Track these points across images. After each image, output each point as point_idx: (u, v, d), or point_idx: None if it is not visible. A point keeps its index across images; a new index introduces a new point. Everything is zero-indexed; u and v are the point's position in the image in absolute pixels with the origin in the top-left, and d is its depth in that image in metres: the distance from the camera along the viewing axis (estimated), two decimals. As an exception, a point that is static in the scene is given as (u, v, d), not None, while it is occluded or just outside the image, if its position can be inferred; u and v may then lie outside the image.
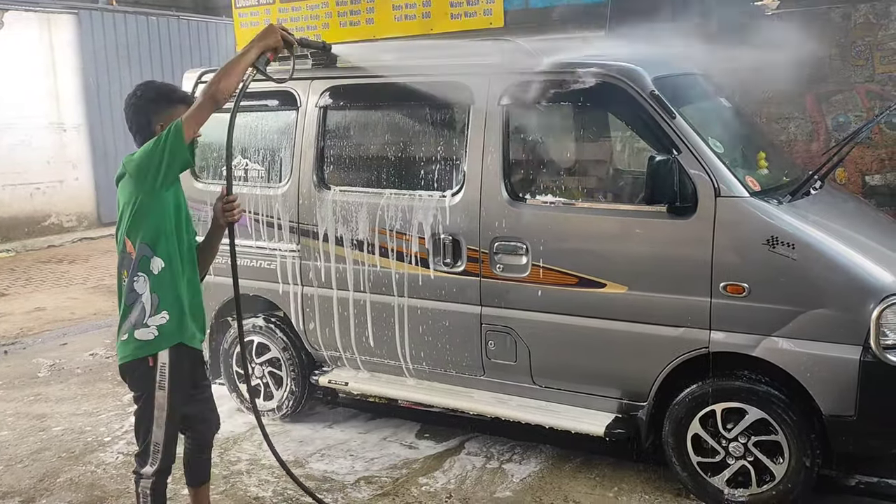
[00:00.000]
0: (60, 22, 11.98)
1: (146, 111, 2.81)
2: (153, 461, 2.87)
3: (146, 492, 2.88)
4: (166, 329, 2.80)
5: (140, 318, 2.78)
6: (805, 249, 3.20)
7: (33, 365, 5.97)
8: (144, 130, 2.81)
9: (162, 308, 2.79)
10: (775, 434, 3.35)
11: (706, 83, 4.28)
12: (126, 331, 2.80)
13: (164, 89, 2.88)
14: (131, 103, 2.85)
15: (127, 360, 2.84)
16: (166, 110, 2.80)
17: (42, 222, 11.82)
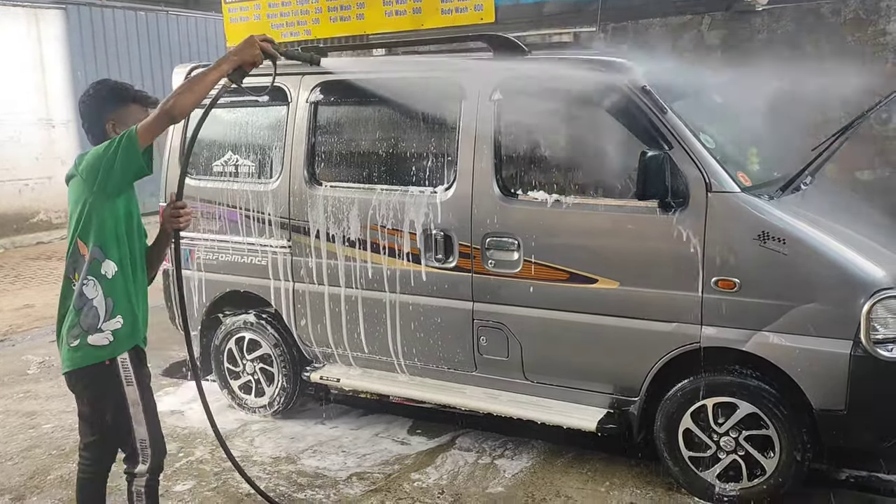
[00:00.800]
0: (48, 17, 11.87)
1: (98, 109, 2.77)
2: (144, 459, 2.83)
3: (140, 490, 2.85)
4: (121, 334, 2.74)
5: (94, 323, 2.70)
6: (796, 244, 3.21)
7: (22, 362, 5.93)
8: (96, 128, 2.77)
9: (116, 313, 2.73)
10: (766, 428, 3.37)
11: (697, 78, 4.28)
12: (77, 336, 2.70)
13: (117, 87, 2.82)
14: (84, 101, 2.80)
15: (79, 367, 2.73)
16: (118, 108, 2.76)
17: (30, 219, 11.74)
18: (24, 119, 11.61)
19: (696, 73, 4.37)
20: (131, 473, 2.86)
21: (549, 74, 3.81)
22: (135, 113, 2.76)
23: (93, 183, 2.63)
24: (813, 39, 5.67)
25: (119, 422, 2.81)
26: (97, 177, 2.61)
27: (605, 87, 3.57)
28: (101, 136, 2.75)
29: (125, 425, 2.81)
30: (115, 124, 2.73)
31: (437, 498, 3.70)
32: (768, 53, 5.73)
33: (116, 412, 2.79)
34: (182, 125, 4.67)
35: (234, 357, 4.69)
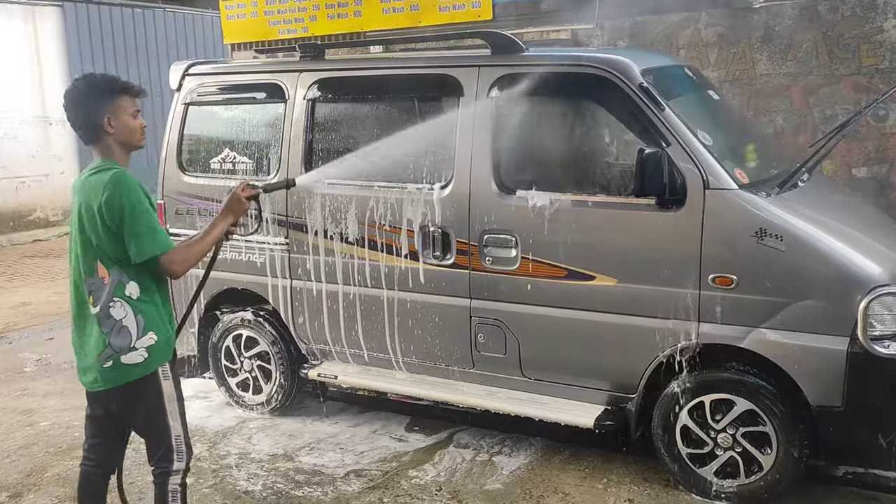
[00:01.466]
0: (45, 14, 11.86)
1: (92, 105, 2.69)
2: (179, 456, 2.81)
3: (176, 489, 2.81)
4: (156, 349, 2.73)
5: (126, 343, 2.68)
6: (793, 241, 3.22)
7: (19, 360, 5.93)
8: (91, 125, 2.70)
9: (148, 329, 2.71)
10: (763, 425, 3.37)
11: (694, 75, 4.29)
12: (109, 357, 2.68)
13: (106, 80, 2.75)
14: (74, 100, 2.71)
15: (114, 385, 2.72)
16: (112, 102, 2.70)
17: (28, 216, 11.73)
18: (20, 116, 11.61)
19: (694, 69, 4.37)
20: (167, 472, 2.80)
21: (547, 72, 3.81)
22: (126, 104, 2.73)
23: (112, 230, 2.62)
24: (810, 37, 5.68)
25: (156, 423, 2.79)
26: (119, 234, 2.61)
27: (603, 85, 3.57)
28: (96, 134, 2.70)
29: (161, 424, 2.79)
30: (110, 118, 2.69)
31: (434, 495, 3.70)
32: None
33: (155, 414, 2.78)
34: (179, 122, 4.67)
35: (231, 354, 4.68)
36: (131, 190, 2.63)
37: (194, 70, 4.69)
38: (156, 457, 2.82)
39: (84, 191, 2.68)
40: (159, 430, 2.80)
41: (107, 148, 2.72)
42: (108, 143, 2.72)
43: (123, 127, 2.71)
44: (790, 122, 5.85)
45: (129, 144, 2.76)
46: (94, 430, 2.92)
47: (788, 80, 5.81)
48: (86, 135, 2.73)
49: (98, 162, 2.73)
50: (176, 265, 2.69)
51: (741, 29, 5.90)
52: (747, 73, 5.92)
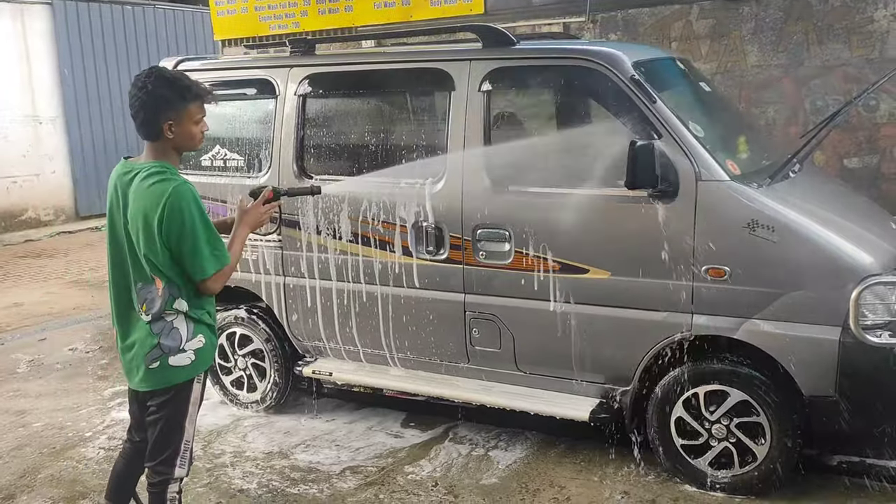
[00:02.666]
0: (33, 12, 11.78)
1: (158, 108, 2.60)
2: (182, 463, 2.79)
3: (174, 497, 2.79)
4: (203, 352, 2.75)
5: (175, 344, 2.69)
6: (785, 232, 3.22)
7: (12, 361, 5.90)
8: (152, 127, 2.62)
9: (197, 333, 2.73)
10: (757, 415, 3.38)
11: (686, 67, 4.28)
12: (157, 358, 2.68)
13: (180, 86, 2.63)
14: (140, 97, 2.60)
15: (159, 387, 2.73)
16: (179, 109, 2.61)
17: (19, 216, 11.67)
18: (10, 116, 11.54)
19: (685, 61, 4.37)
20: (167, 479, 2.77)
21: (538, 65, 3.80)
22: (193, 113, 2.66)
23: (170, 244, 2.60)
24: (801, 28, 5.68)
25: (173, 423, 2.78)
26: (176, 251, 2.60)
27: (595, 77, 3.57)
28: (155, 135, 2.64)
29: (178, 425, 2.78)
30: (172, 125, 2.62)
31: (430, 490, 3.70)
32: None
33: (176, 414, 2.77)
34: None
35: (225, 353, 4.67)
36: (192, 206, 2.58)
37: (184, 66, 4.65)
38: (159, 458, 2.77)
39: (141, 198, 2.60)
40: (174, 431, 2.77)
41: (162, 150, 2.67)
42: (164, 146, 2.67)
43: (184, 133, 2.66)
44: (782, 114, 5.86)
45: (184, 149, 2.73)
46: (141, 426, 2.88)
47: (780, 71, 5.82)
48: (143, 133, 2.66)
49: (153, 164, 2.64)
50: (219, 283, 2.70)
51: (732, 21, 5.91)
52: (739, 64, 5.93)
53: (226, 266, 2.69)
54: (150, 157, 2.69)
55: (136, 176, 2.64)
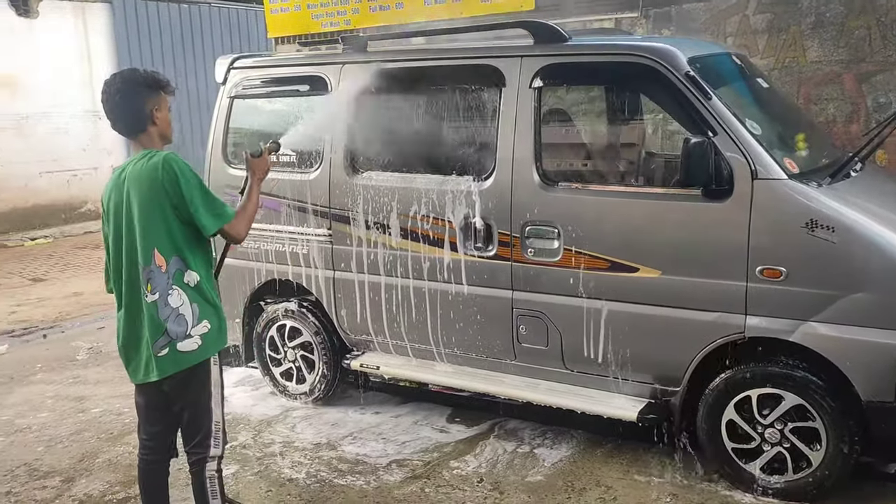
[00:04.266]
0: (94, 10, 12.14)
1: (139, 98, 2.80)
2: (216, 443, 2.91)
3: (213, 475, 2.91)
4: (209, 337, 2.84)
5: (182, 330, 2.78)
6: (845, 232, 3.13)
7: (72, 348, 6.10)
8: (139, 115, 2.80)
9: (203, 318, 2.82)
10: (812, 420, 3.30)
11: (742, 63, 4.19)
12: (165, 345, 2.78)
13: (152, 75, 2.87)
14: (118, 89, 2.80)
15: (169, 374, 2.81)
16: (157, 95, 2.83)
17: (79, 209, 12.05)
18: (71, 111, 11.91)
19: (742, 57, 4.28)
20: (202, 458, 2.90)
21: (591, 61, 3.77)
22: (165, 100, 2.87)
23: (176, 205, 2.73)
24: (863, 22, 5.51)
25: (200, 407, 2.90)
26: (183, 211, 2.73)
27: (648, 74, 3.51)
28: (142, 124, 2.81)
29: (205, 408, 2.90)
30: (155, 110, 2.82)
31: (476, 486, 3.71)
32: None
33: (201, 398, 2.89)
34: (224, 115, 4.74)
35: (275, 344, 4.75)
36: (187, 167, 2.76)
37: (239, 64, 4.75)
38: (193, 442, 2.91)
39: (137, 178, 2.75)
40: (201, 415, 2.89)
41: (149, 139, 2.85)
42: (151, 135, 2.85)
43: (165, 119, 2.87)
44: (842, 111, 5.69)
45: (166, 137, 2.90)
46: (152, 419, 2.98)
47: (840, 67, 5.65)
48: (131, 125, 2.83)
49: (141, 153, 2.82)
50: (242, 230, 2.83)
51: (791, 15, 5.76)
52: (798, 60, 5.78)
53: (241, 215, 2.86)
54: (137, 151, 2.85)
55: (128, 168, 2.82)
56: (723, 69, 3.95)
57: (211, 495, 2.92)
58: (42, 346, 6.23)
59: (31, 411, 4.85)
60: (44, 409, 4.89)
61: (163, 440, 3.01)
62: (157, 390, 2.90)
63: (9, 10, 11.17)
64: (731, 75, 4.01)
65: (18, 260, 9.83)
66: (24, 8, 11.26)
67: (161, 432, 2.99)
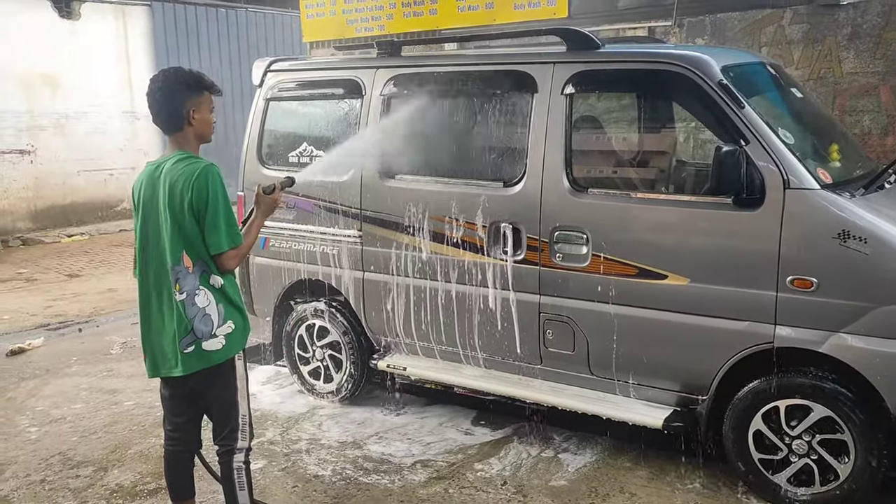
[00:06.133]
0: (134, 13, 12.39)
1: (179, 97, 2.86)
2: (243, 436, 3.01)
3: (240, 466, 3.00)
4: (233, 337, 2.93)
5: (208, 329, 2.87)
6: (878, 244, 3.11)
7: (106, 342, 6.23)
8: (177, 115, 2.87)
9: (227, 318, 2.91)
10: (841, 433, 3.27)
11: (777, 73, 4.18)
12: (191, 343, 2.86)
13: (195, 76, 2.93)
14: (161, 90, 2.87)
15: (194, 371, 2.90)
16: (197, 96, 2.89)
17: (115, 207, 12.28)
18: (109, 111, 12.16)
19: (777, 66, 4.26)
20: (231, 449, 3.00)
21: (624, 68, 3.78)
22: (207, 101, 2.93)
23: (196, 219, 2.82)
24: (902, 33, 5.45)
25: (227, 401, 2.99)
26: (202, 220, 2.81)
27: (681, 82, 3.52)
28: (179, 124, 2.88)
29: (231, 402, 2.99)
30: (194, 110, 2.88)
31: (499, 488, 3.73)
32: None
33: (227, 392, 2.99)
34: (260, 117, 4.82)
35: (304, 343, 4.81)
36: (220, 184, 2.82)
37: (276, 67, 4.84)
38: (221, 435, 3.02)
39: (173, 178, 2.82)
40: (229, 409, 3.00)
41: (185, 139, 2.91)
42: (188, 135, 2.92)
43: (203, 120, 2.92)
44: (878, 123, 5.63)
45: (203, 137, 2.97)
46: (177, 410, 3.06)
47: (877, 79, 5.59)
48: (168, 123, 2.90)
49: (178, 153, 2.89)
50: (234, 261, 2.88)
51: (827, 26, 5.71)
52: (833, 71, 5.73)
53: (241, 245, 2.89)
54: (173, 150, 2.92)
55: (164, 165, 2.88)
56: (756, 78, 3.94)
57: (238, 486, 3.00)
58: (77, 340, 6.37)
59: (66, 403, 4.97)
60: (78, 400, 5.01)
61: (187, 431, 3.08)
62: (183, 384, 2.98)
63: (52, 11, 11.45)
64: (764, 85, 4.00)
65: (55, 256, 10.06)
66: (67, 10, 11.53)
67: (186, 424, 3.07)
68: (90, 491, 3.83)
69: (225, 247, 2.83)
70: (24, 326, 6.78)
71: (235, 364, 2.98)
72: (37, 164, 11.42)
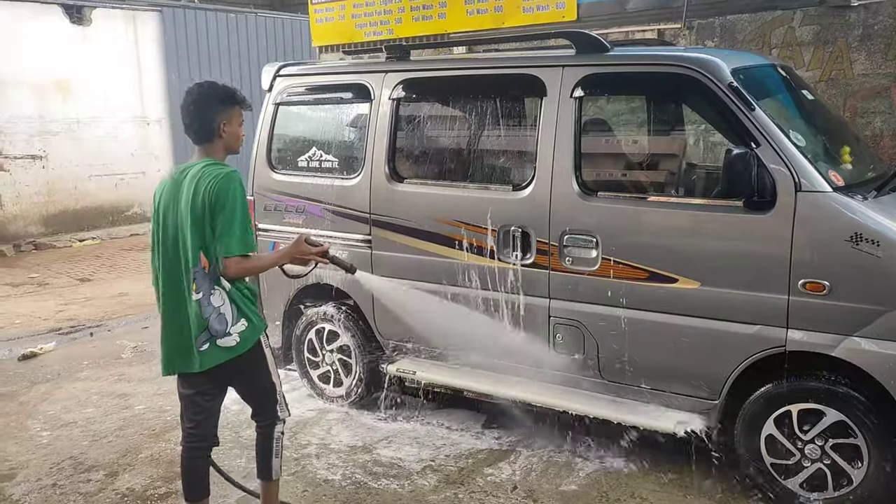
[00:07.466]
0: (145, 19, 12.46)
1: (211, 110, 2.99)
2: (281, 408, 3.22)
3: (279, 436, 3.24)
4: (246, 334, 3.04)
5: (223, 328, 2.98)
6: (891, 247, 3.08)
7: (117, 347, 6.25)
8: (207, 128, 3.00)
9: (240, 317, 3.02)
10: (854, 437, 3.24)
11: (787, 75, 4.15)
12: (205, 341, 2.98)
13: (228, 90, 3.05)
14: (194, 101, 3.00)
15: (209, 367, 3.01)
16: (228, 109, 3.01)
17: (126, 211, 12.35)
18: (121, 117, 12.23)
19: (787, 69, 4.24)
20: (273, 422, 3.20)
21: (633, 71, 3.77)
22: (237, 115, 3.05)
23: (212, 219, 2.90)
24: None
25: (267, 383, 3.16)
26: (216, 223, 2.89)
27: (691, 85, 3.51)
28: (210, 135, 3.01)
29: (270, 383, 3.17)
30: (224, 124, 3.01)
31: (509, 493, 3.71)
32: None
33: (266, 375, 3.16)
34: (269, 121, 4.83)
35: (314, 347, 4.82)
36: (241, 191, 2.92)
37: (285, 71, 4.85)
38: (264, 412, 3.21)
39: (197, 179, 2.92)
40: (269, 390, 3.18)
41: (214, 149, 3.05)
42: (217, 146, 3.05)
43: (233, 133, 3.06)
44: (889, 124, 5.58)
45: (231, 149, 3.10)
46: (198, 409, 3.15)
47: (888, 80, 5.55)
48: (199, 134, 3.03)
49: (206, 159, 3.01)
50: (235, 270, 2.93)
51: (838, 27, 5.68)
52: (844, 73, 5.69)
53: (251, 257, 2.96)
54: (200, 157, 3.03)
55: (190, 170, 2.99)
56: (767, 80, 3.92)
57: (275, 454, 3.22)
58: (89, 344, 6.40)
59: (78, 407, 4.99)
60: (89, 404, 5.03)
61: (206, 428, 3.17)
62: (205, 378, 3.08)
63: (63, 17, 11.53)
64: (775, 87, 3.98)
65: (67, 260, 10.12)
66: (78, 16, 11.61)
67: (204, 421, 3.16)
68: (101, 495, 3.84)
69: (235, 251, 2.89)
70: (36, 331, 6.82)
71: (264, 349, 3.13)
72: (48, 170, 11.49)
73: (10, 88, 11.02)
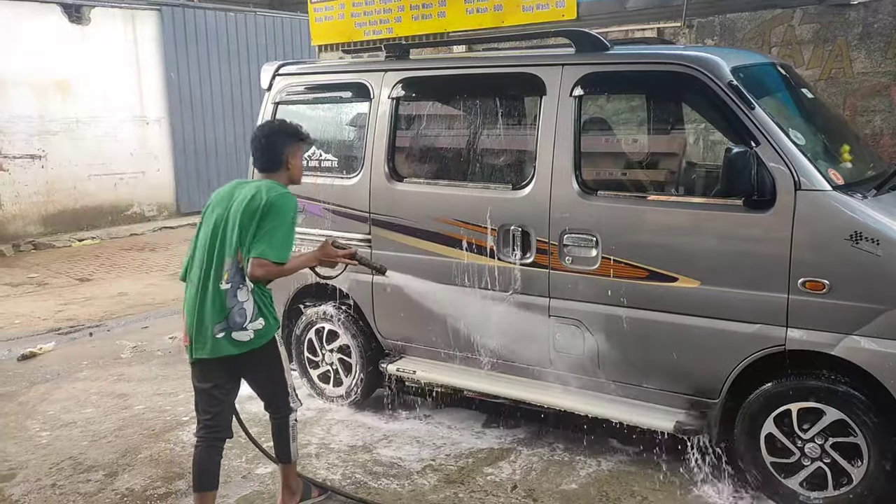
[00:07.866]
0: (144, 18, 12.44)
1: (281, 146, 3.32)
2: (293, 400, 3.43)
3: (294, 423, 3.46)
4: (262, 333, 3.22)
5: (240, 322, 3.16)
6: (890, 246, 3.08)
7: (117, 346, 6.25)
8: (276, 160, 3.32)
9: (258, 316, 3.20)
10: (854, 436, 3.24)
11: (787, 73, 4.15)
12: (222, 330, 3.16)
13: (294, 127, 3.41)
14: (265, 134, 3.34)
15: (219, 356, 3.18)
16: (294, 144, 3.37)
17: (125, 211, 12.33)
18: (120, 116, 12.21)
19: (787, 67, 4.23)
20: (287, 413, 3.42)
21: (633, 70, 3.77)
22: (300, 149, 3.41)
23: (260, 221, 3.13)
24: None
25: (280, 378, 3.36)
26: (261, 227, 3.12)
27: (691, 83, 3.50)
28: (277, 166, 3.31)
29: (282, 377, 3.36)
30: (290, 157, 3.33)
31: (510, 492, 3.71)
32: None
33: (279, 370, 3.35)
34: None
35: (313, 347, 4.81)
36: (294, 211, 3.20)
37: (284, 70, 4.85)
38: (277, 404, 3.43)
39: (260, 188, 3.21)
40: (282, 384, 3.38)
41: (278, 178, 3.31)
42: (282, 176, 3.33)
43: (296, 165, 3.38)
44: (889, 123, 5.58)
45: (294, 180, 3.40)
46: (213, 401, 3.29)
47: (888, 78, 5.55)
48: (268, 165, 3.34)
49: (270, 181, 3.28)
50: (261, 272, 3.11)
51: (838, 26, 5.68)
52: (844, 71, 5.69)
53: (282, 264, 3.13)
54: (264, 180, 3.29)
55: (253, 182, 3.28)
56: (767, 79, 3.92)
57: (292, 438, 3.46)
58: (88, 344, 6.40)
59: (77, 407, 4.99)
60: (89, 405, 5.03)
61: (221, 419, 3.30)
62: (221, 368, 3.23)
63: (62, 17, 11.51)
64: (775, 85, 3.98)
65: (66, 260, 10.11)
66: (77, 15, 11.59)
67: (221, 413, 3.29)
68: (100, 495, 3.84)
69: (269, 256, 3.08)
70: (36, 331, 6.82)
71: (278, 346, 3.32)
72: (48, 169, 11.47)
73: (9, 88, 11.00)
